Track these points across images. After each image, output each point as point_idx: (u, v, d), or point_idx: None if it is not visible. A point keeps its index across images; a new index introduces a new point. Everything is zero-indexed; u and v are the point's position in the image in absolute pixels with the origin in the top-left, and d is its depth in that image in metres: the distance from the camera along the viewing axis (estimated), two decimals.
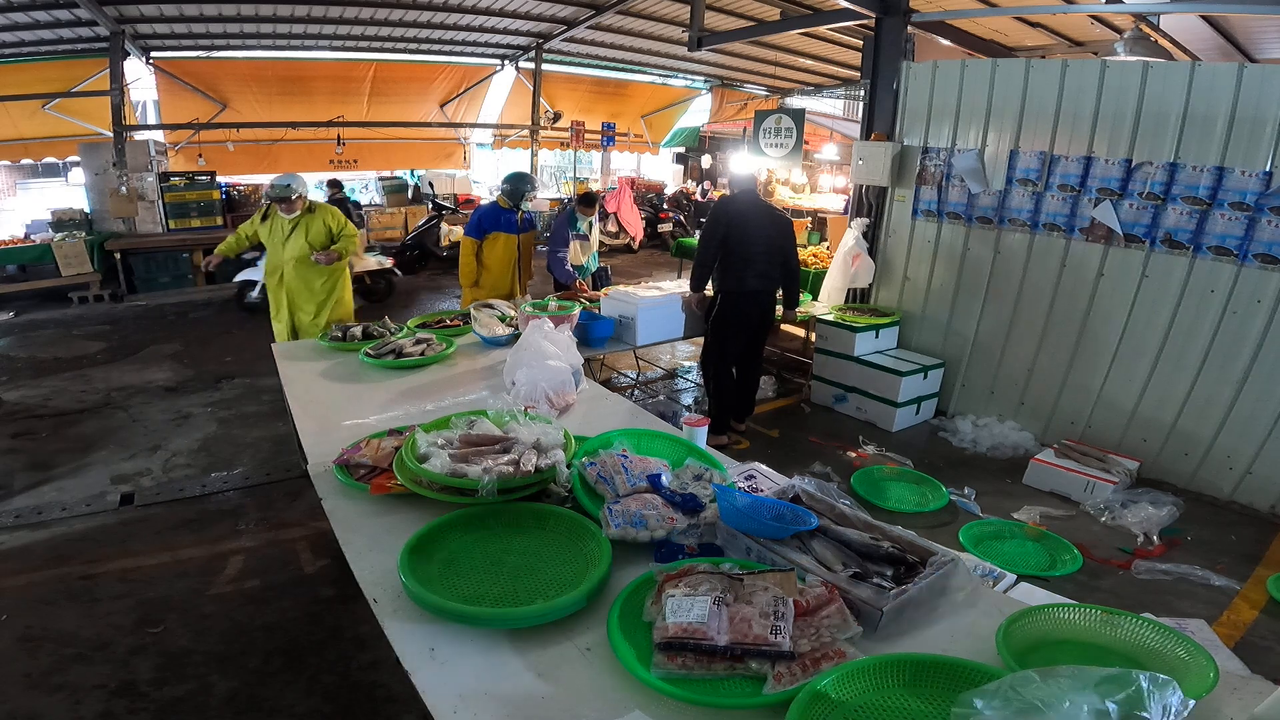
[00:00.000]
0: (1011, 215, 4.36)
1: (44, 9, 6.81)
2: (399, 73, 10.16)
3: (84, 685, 2.28)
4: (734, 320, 4.13)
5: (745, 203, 4.11)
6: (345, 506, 1.82)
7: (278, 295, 4.21)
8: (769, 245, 4.04)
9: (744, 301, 4.08)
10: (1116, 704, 0.89)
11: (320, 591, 2.80)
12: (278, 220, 4.13)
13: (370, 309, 6.88)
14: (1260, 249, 3.48)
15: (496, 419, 2.04)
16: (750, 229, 3.99)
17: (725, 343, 4.18)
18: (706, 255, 4.07)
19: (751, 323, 4.18)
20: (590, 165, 13.88)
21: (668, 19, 9.31)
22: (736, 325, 4.14)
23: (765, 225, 4.05)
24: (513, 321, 3.52)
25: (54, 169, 13.07)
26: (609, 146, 12.09)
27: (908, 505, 3.60)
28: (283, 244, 4.11)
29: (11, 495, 3.51)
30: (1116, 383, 4.06)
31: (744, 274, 4.02)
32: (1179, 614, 2.71)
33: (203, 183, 8.36)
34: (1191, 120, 3.60)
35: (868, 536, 1.56)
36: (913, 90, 4.74)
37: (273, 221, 4.15)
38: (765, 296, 4.15)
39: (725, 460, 2.07)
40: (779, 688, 1.16)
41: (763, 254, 4.02)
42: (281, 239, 4.11)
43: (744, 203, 4.11)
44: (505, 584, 1.48)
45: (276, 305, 4.23)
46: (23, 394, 4.88)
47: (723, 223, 4.01)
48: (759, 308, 4.16)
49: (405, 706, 2.20)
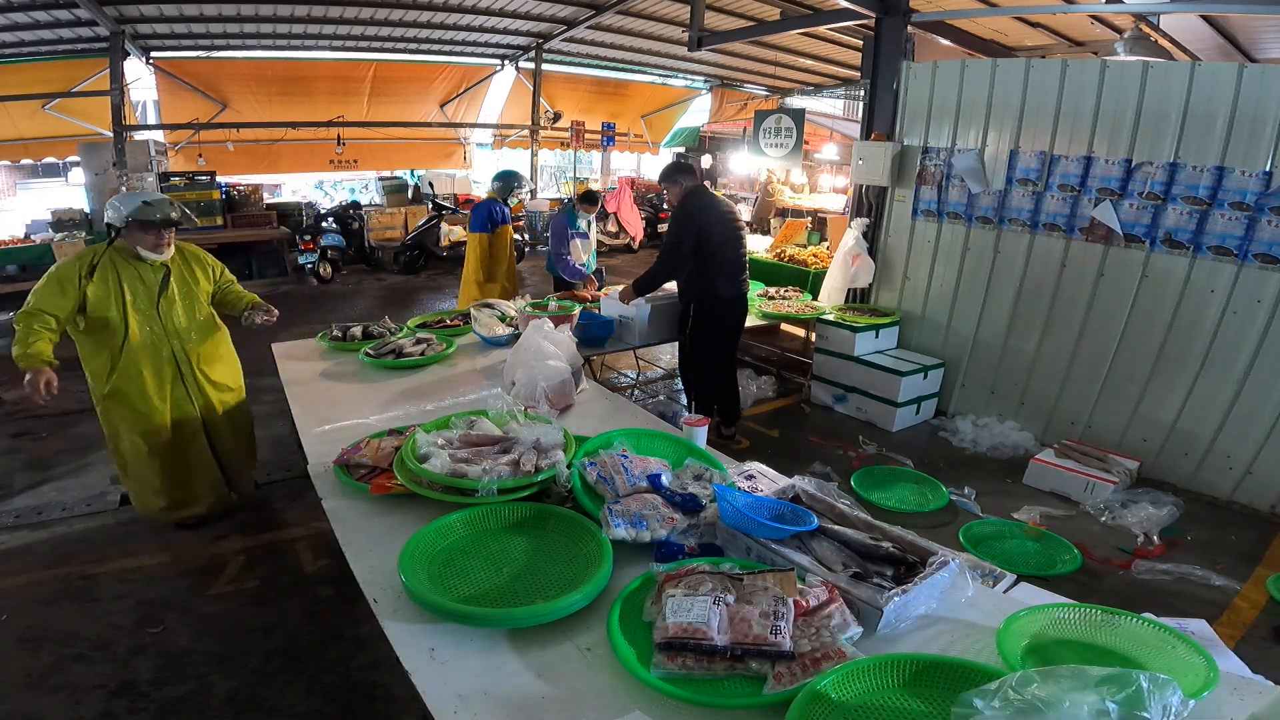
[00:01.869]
0: (1011, 215, 4.36)
1: (44, 9, 6.80)
2: (399, 73, 10.16)
3: (84, 685, 2.28)
4: (715, 328, 3.94)
5: (708, 198, 3.85)
6: (345, 506, 1.82)
7: (156, 383, 2.86)
8: (736, 243, 3.85)
9: (723, 307, 3.90)
10: (1116, 704, 0.89)
11: (320, 591, 2.80)
12: (134, 269, 2.78)
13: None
14: (1260, 249, 3.48)
15: (496, 419, 2.04)
16: (716, 228, 3.74)
17: (707, 350, 4.01)
18: (677, 261, 3.75)
19: (730, 327, 4.03)
20: (590, 165, 13.88)
21: (668, 19, 9.31)
22: (717, 332, 3.97)
23: (729, 221, 3.82)
24: (513, 321, 3.52)
25: (54, 169, 13.07)
26: (609, 146, 12.09)
27: (908, 505, 3.60)
28: (154, 306, 2.82)
29: (11, 495, 3.50)
30: (1116, 383, 4.06)
31: (720, 279, 3.80)
32: (1179, 614, 2.70)
33: (203, 183, 8.35)
34: (1191, 120, 3.60)
35: (867, 536, 1.56)
36: (913, 90, 4.74)
37: (121, 272, 2.75)
38: (742, 300, 4.01)
39: (725, 460, 2.07)
40: (779, 688, 1.16)
41: (733, 255, 3.84)
42: (150, 299, 2.82)
43: (707, 198, 3.84)
44: (505, 584, 1.48)
45: (154, 397, 2.87)
46: (23, 394, 4.86)
47: (695, 224, 3.71)
48: (737, 311, 4.01)
49: (405, 706, 2.20)
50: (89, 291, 2.69)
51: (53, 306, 2.64)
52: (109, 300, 2.74)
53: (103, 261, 2.74)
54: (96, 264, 2.72)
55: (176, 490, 3.04)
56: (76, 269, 2.69)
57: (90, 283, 2.70)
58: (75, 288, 2.67)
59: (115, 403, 2.86)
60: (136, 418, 2.89)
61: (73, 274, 2.67)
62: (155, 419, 2.91)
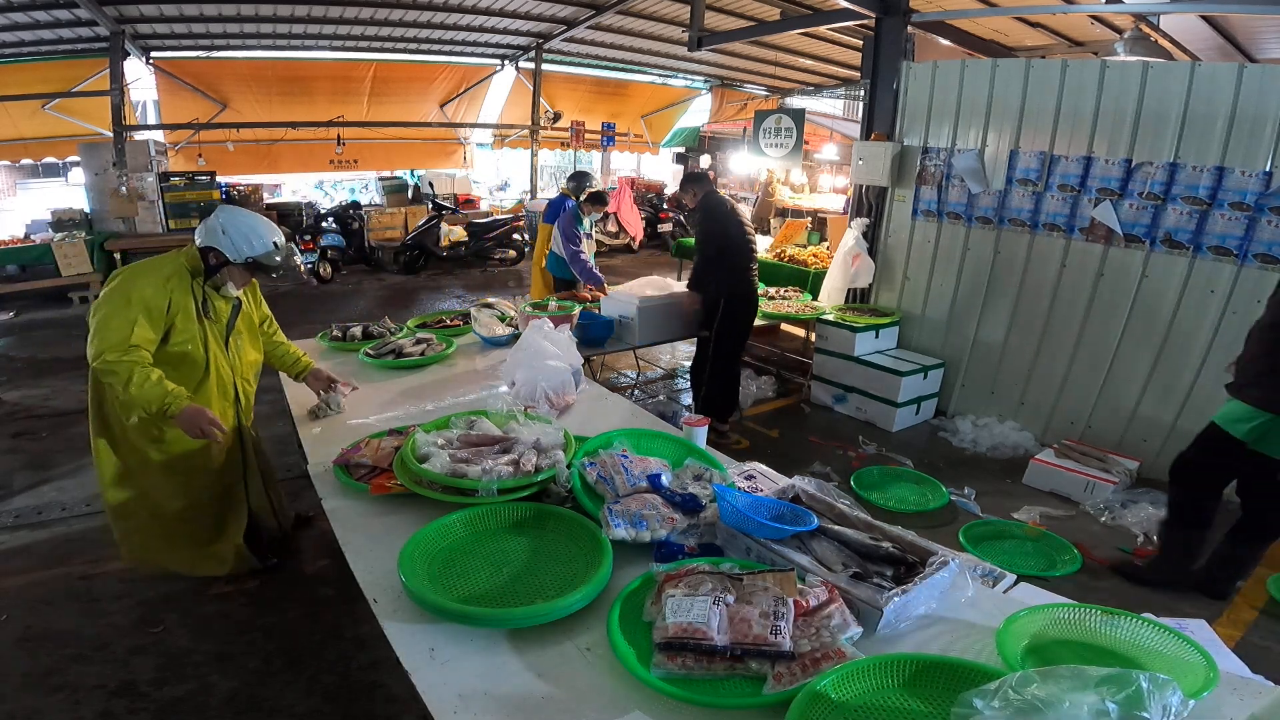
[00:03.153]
0: (1011, 215, 4.36)
1: (44, 9, 6.80)
2: (399, 73, 10.16)
3: (84, 685, 2.27)
4: (740, 323, 4.15)
5: (725, 199, 4.14)
6: (345, 506, 1.82)
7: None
8: (751, 242, 4.11)
9: (746, 302, 4.14)
10: (1116, 704, 0.89)
11: (320, 591, 2.80)
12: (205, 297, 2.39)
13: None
14: (1260, 249, 3.48)
15: (496, 419, 2.04)
16: (734, 227, 4.02)
17: (731, 346, 4.17)
18: (711, 253, 4.01)
19: (748, 324, 4.24)
20: (590, 165, 13.88)
21: (668, 19, 9.32)
22: (740, 329, 4.16)
23: (742, 221, 4.09)
24: (513, 321, 3.52)
25: (54, 169, 13.07)
26: (609, 146, 12.10)
27: (907, 505, 3.60)
28: (224, 342, 2.49)
29: (11, 495, 3.50)
30: (1116, 383, 4.06)
31: (744, 276, 4.06)
32: (1179, 614, 2.71)
33: (203, 183, 8.35)
34: (1191, 120, 3.60)
35: (867, 536, 1.56)
36: (913, 90, 4.74)
37: (196, 299, 2.36)
38: (757, 294, 4.26)
39: (725, 460, 2.07)
40: (779, 688, 1.16)
41: (749, 250, 4.09)
42: (221, 335, 2.47)
43: (725, 199, 4.14)
44: (505, 584, 1.48)
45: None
46: (23, 394, 4.87)
47: (720, 221, 4.00)
48: (754, 308, 4.27)
49: (405, 706, 2.20)
50: (177, 321, 2.30)
51: (144, 339, 2.20)
52: (193, 332, 2.35)
53: (178, 286, 2.31)
54: (173, 291, 2.29)
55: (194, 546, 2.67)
56: (165, 295, 2.26)
57: (187, 327, 2.33)
58: (163, 317, 2.27)
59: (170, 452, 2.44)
60: (192, 473, 2.50)
61: (160, 302, 2.25)
62: (213, 468, 2.54)
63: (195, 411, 2.19)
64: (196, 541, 2.66)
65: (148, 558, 2.68)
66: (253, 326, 2.65)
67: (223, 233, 2.35)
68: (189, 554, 2.67)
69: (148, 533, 2.61)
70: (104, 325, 2.18)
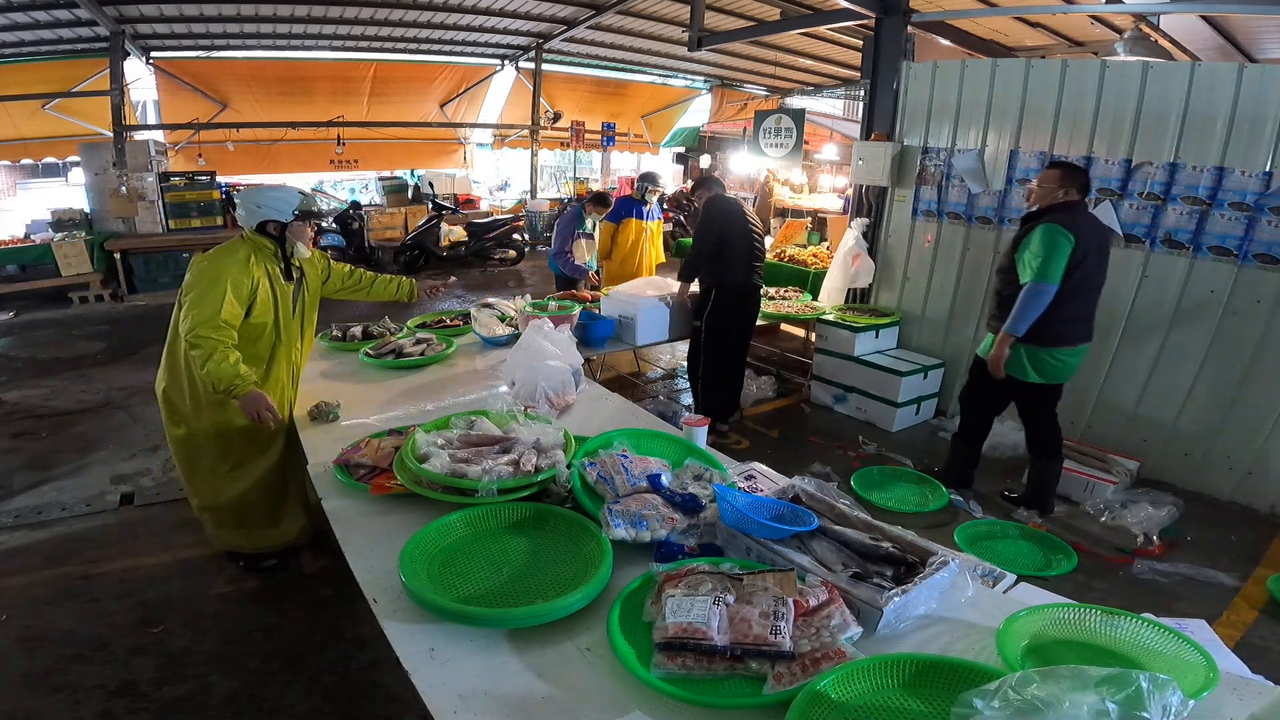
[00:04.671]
0: (1011, 215, 4.35)
1: (44, 9, 6.81)
2: (399, 73, 10.16)
3: (84, 685, 2.27)
4: (730, 316, 4.15)
5: (732, 201, 4.25)
6: (345, 506, 1.82)
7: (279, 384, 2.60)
8: (748, 237, 4.13)
9: (735, 293, 4.13)
10: (1116, 704, 0.89)
11: (320, 591, 2.80)
12: (276, 270, 2.52)
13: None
14: (1260, 249, 3.48)
15: (496, 419, 2.04)
16: (732, 226, 4.08)
17: (724, 340, 4.19)
18: (705, 248, 4.09)
19: (745, 317, 4.25)
20: (590, 165, 13.89)
21: (668, 19, 9.32)
22: (730, 322, 4.16)
23: (743, 220, 4.16)
24: (513, 321, 3.53)
25: (54, 169, 13.07)
26: (609, 146, 12.10)
27: (907, 505, 3.60)
28: (292, 314, 2.63)
29: (11, 495, 3.50)
30: (1116, 383, 4.06)
31: (736, 267, 4.08)
32: (1179, 614, 2.70)
33: (203, 183, 8.35)
34: (1191, 120, 3.60)
35: (867, 536, 1.56)
36: (913, 90, 4.74)
37: (273, 273, 2.50)
38: (754, 291, 4.24)
39: (725, 460, 2.07)
40: (779, 688, 1.16)
41: (745, 247, 4.11)
42: (288, 307, 2.60)
43: (731, 200, 4.25)
44: (505, 584, 1.48)
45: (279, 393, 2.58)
46: (23, 394, 4.88)
47: (719, 219, 4.07)
48: (750, 301, 4.26)
49: (405, 706, 2.20)
50: (258, 296, 2.43)
51: (231, 315, 2.33)
52: (270, 305, 2.48)
53: (257, 263, 2.44)
54: (253, 269, 2.42)
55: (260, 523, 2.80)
56: (248, 274, 2.39)
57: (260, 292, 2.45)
58: (247, 294, 2.39)
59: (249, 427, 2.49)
60: (264, 439, 2.60)
61: (245, 279, 2.37)
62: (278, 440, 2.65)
63: (256, 396, 2.34)
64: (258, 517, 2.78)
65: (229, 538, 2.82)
66: (314, 297, 2.77)
67: (260, 207, 2.50)
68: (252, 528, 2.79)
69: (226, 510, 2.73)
70: (198, 302, 2.32)
